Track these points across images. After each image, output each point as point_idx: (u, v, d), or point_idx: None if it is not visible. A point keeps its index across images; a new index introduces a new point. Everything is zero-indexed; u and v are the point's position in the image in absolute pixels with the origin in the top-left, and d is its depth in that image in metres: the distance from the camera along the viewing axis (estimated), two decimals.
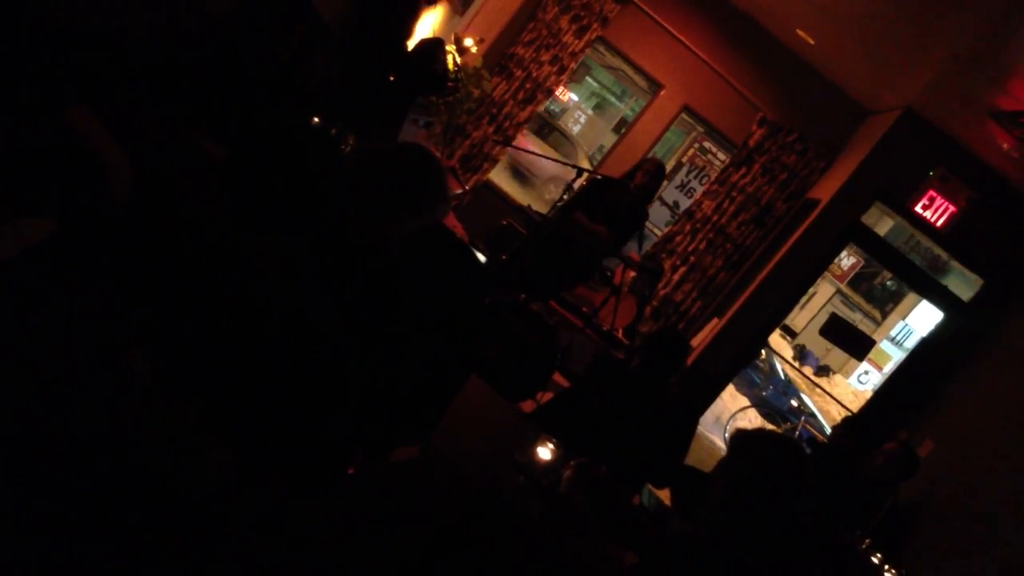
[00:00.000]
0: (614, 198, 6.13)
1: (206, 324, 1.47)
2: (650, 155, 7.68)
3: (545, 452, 3.07)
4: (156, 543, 1.24)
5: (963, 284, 8.56)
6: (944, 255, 9.19)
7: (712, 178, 8.73)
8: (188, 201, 1.82)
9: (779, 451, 2.30)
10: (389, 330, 2.40)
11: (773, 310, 7.36)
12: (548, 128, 16.55)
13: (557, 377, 5.65)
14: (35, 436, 1.21)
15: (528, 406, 4.98)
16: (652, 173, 6.10)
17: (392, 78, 5.14)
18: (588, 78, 22.22)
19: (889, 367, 16.80)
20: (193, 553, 1.26)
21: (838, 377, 17.95)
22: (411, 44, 5.28)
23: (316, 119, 3.93)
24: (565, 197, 6.20)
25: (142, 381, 1.35)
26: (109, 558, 1.18)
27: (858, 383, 18.17)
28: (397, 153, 2.33)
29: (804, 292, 7.79)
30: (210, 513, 1.31)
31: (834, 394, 12.54)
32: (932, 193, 6.91)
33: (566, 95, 21.26)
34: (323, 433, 1.91)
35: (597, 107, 23.44)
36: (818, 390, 13.61)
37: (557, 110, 21.16)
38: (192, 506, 1.28)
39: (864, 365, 18.55)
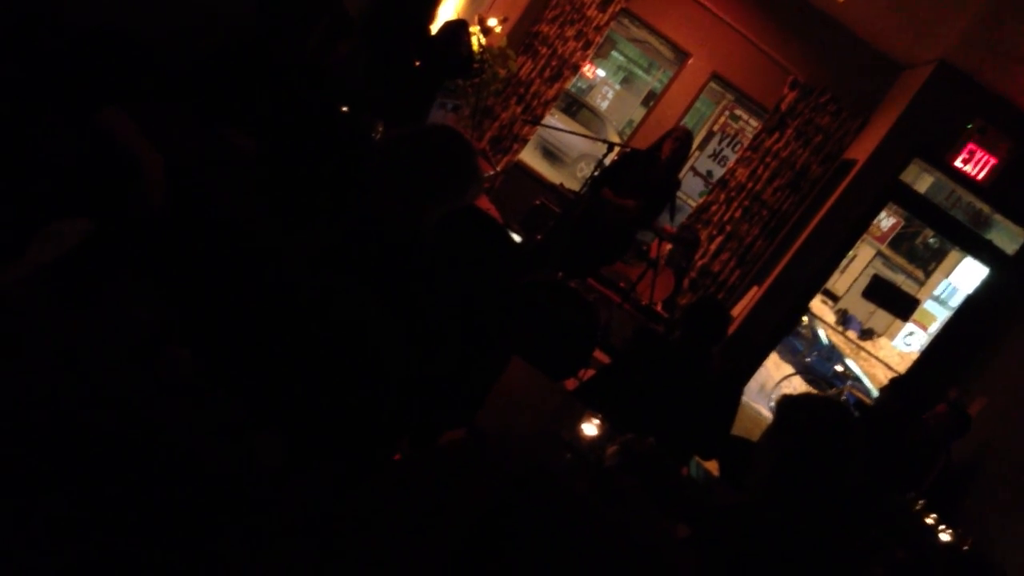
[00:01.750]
0: (644, 170, 6.07)
1: (245, 315, 1.48)
2: (679, 126, 7.60)
3: (590, 428, 3.07)
4: (205, 530, 1.25)
5: (1007, 238, 8.40)
6: (986, 209, 9.03)
7: (745, 145, 8.63)
8: (222, 196, 1.84)
9: (827, 414, 2.28)
10: (428, 315, 2.40)
11: (813, 275, 7.28)
12: (576, 105, 16.45)
13: (598, 354, 5.64)
14: (80, 431, 1.23)
15: (571, 384, 4.98)
16: (681, 141, 6.03)
17: (417, 64, 5.13)
18: (614, 52, 22.04)
19: (935, 327, 16.56)
20: (241, 539, 1.28)
21: (883, 340, 17.73)
22: (434, 28, 5.27)
23: (344, 108, 3.94)
24: (596, 173, 6.16)
25: (184, 374, 1.36)
26: (158, 546, 1.20)
27: (904, 345, 17.94)
28: (424, 135, 2.31)
29: (844, 255, 7.69)
30: (258, 499, 1.33)
31: (879, 357, 12.42)
32: (971, 146, 6.77)
33: (593, 71, 21.10)
34: (368, 420, 1.92)
35: (624, 81, 23.25)
36: (863, 354, 13.47)
37: (584, 87, 21.03)
38: (240, 492, 1.30)
39: (909, 326, 18.30)
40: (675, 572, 2.28)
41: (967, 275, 18.07)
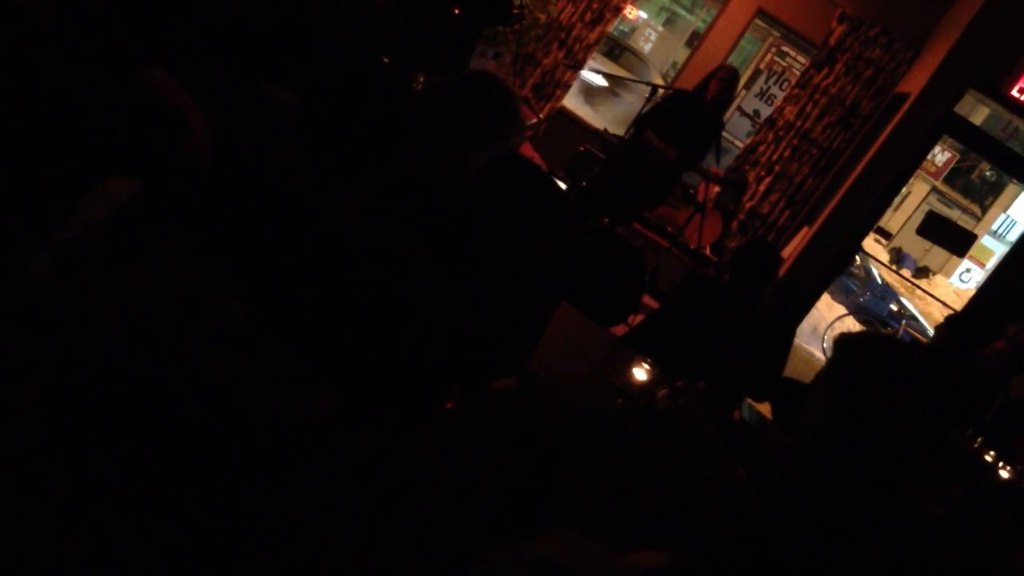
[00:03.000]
0: (688, 112, 5.95)
1: (293, 267, 1.50)
2: (723, 64, 7.43)
3: (641, 373, 3.07)
4: (259, 482, 1.28)
5: None
6: None
7: (793, 83, 8.44)
8: (265, 150, 1.84)
9: (886, 350, 2.25)
10: (476, 263, 2.41)
11: (865, 213, 7.14)
12: (619, 49, 16.19)
13: (647, 299, 5.62)
14: (135, 385, 1.25)
15: (620, 330, 4.97)
16: (727, 80, 5.88)
17: (456, 11, 5.07)
18: None
19: (992, 262, 16.20)
20: (295, 490, 1.30)
21: (938, 277, 17.43)
22: None
23: (385, 60, 3.92)
24: (640, 115, 6.08)
25: (235, 326, 1.38)
26: (216, 497, 1.23)
27: (960, 282, 17.62)
28: (464, 82, 2.30)
29: (897, 192, 7.53)
30: (312, 449, 1.35)
31: (935, 295, 12.20)
32: None
33: (634, 13, 20.73)
34: (418, 370, 1.93)
35: (667, 22, 22.83)
36: (918, 292, 13.26)
37: (627, 30, 20.69)
38: (295, 442, 1.32)
39: (965, 263, 17.95)
40: (730, 514, 2.28)
41: None
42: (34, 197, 1.70)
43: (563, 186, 6.91)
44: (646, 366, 3.13)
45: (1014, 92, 6.62)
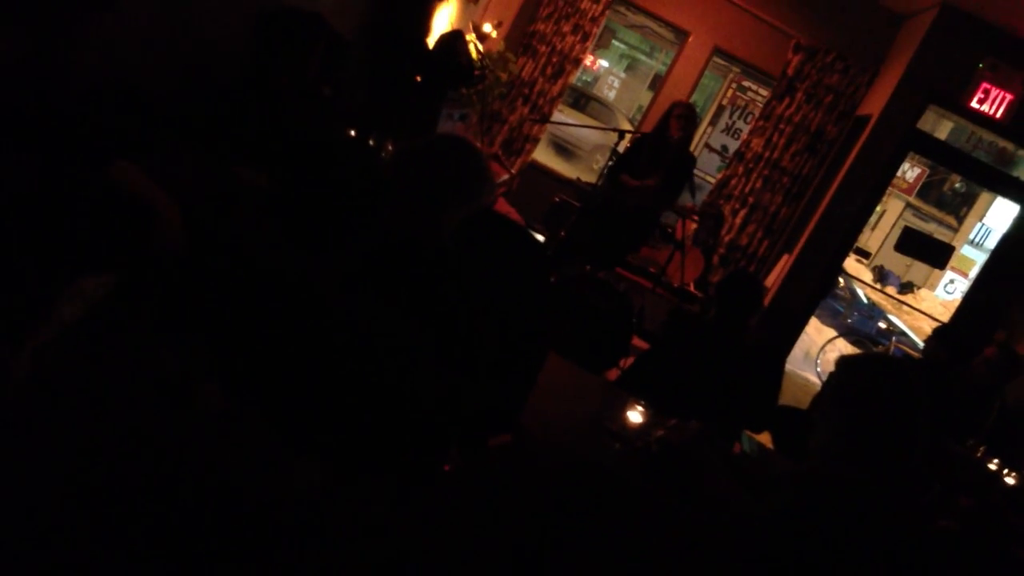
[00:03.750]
0: (656, 152, 6.04)
1: (275, 344, 1.50)
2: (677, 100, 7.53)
3: (636, 416, 3.06)
4: (254, 559, 1.26)
5: None
6: (1010, 146, 8.89)
7: (756, 115, 8.56)
8: (238, 233, 1.85)
9: (886, 369, 2.27)
10: (460, 323, 2.41)
11: (843, 235, 7.19)
12: (584, 98, 16.43)
13: (636, 341, 5.62)
14: (125, 473, 1.25)
15: (613, 374, 4.96)
16: (685, 115, 6.00)
17: (419, 79, 5.15)
18: (614, 41, 21.98)
19: (975, 271, 16.31)
20: (293, 566, 1.29)
21: (923, 291, 17.51)
22: (431, 41, 5.29)
23: (352, 132, 3.97)
24: (611, 162, 6.15)
25: (217, 408, 1.38)
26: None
27: (945, 293, 17.71)
28: (430, 146, 2.33)
29: (871, 212, 7.60)
30: (306, 524, 1.34)
31: (922, 309, 12.26)
32: (985, 85, 6.68)
33: (595, 63, 21.07)
34: (411, 434, 1.92)
35: (629, 68, 23.18)
36: (905, 308, 13.30)
37: (589, 79, 21.00)
38: (287, 519, 1.31)
39: (949, 274, 18.06)
40: (740, 545, 2.26)
41: (1001, 215, 17.80)
42: (7, 300, 1.70)
43: (541, 238, 6.97)
44: (640, 408, 3.12)
45: (973, 104, 6.73)
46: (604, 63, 22.10)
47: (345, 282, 2.00)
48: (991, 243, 17.56)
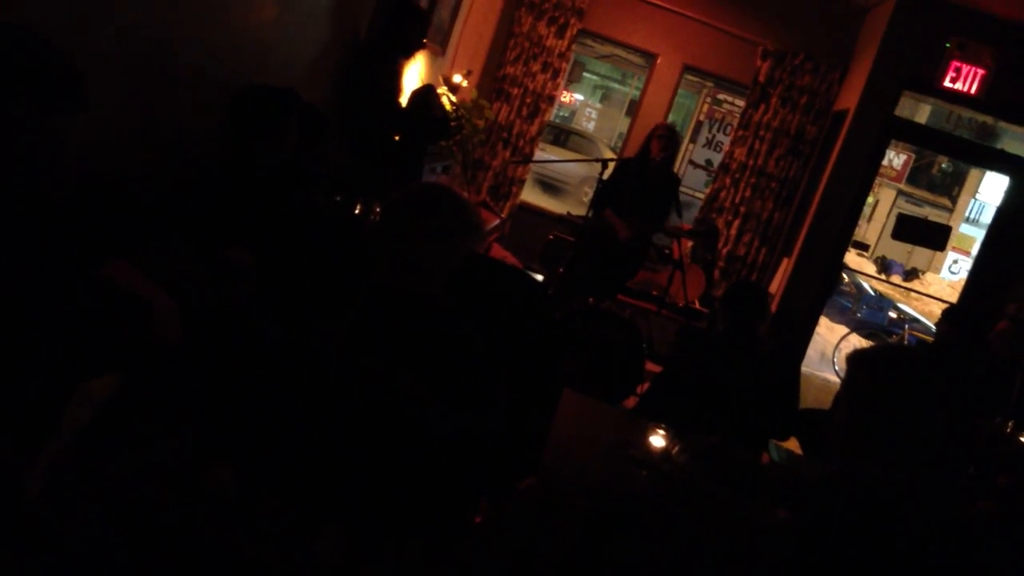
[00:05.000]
0: (641, 175, 6.07)
1: (285, 420, 1.49)
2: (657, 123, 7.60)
3: (658, 440, 3.04)
4: None
5: (1018, 141, 8.30)
6: (989, 120, 8.93)
7: (735, 125, 8.62)
8: (234, 315, 1.86)
9: (895, 359, 2.25)
10: (469, 373, 2.40)
11: (838, 231, 7.20)
12: (564, 134, 16.57)
13: (650, 366, 5.60)
14: (150, 565, 1.24)
15: (631, 402, 4.94)
16: (666, 136, 6.04)
17: (397, 138, 5.19)
18: (586, 74, 22.22)
19: (976, 248, 16.32)
20: None
21: (929, 275, 17.48)
22: (404, 99, 5.34)
23: (338, 198, 4.00)
24: (596, 193, 6.18)
25: (231, 493, 1.37)
26: None
27: (950, 274, 17.70)
28: (408, 195, 2.36)
29: (863, 204, 7.61)
30: None
31: (930, 293, 12.23)
32: (956, 64, 6.72)
33: (570, 97, 21.27)
34: (436, 491, 1.91)
35: (604, 98, 23.40)
36: (913, 294, 13.28)
37: (567, 114, 21.19)
38: None
39: (952, 255, 18.06)
40: (778, 557, 2.23)
41: (992, 189, 17.83)
42: (15, 413, 1.70)
43: (540, 277, 6.98)
44: (661, 432, 3.10)
45: (946, 84, 6.77)
46: (579, 96, 22.32)
47: (346, 345, 2.00)
48: (987, 218, 17.56)
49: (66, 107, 1.88)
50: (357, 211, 4.00)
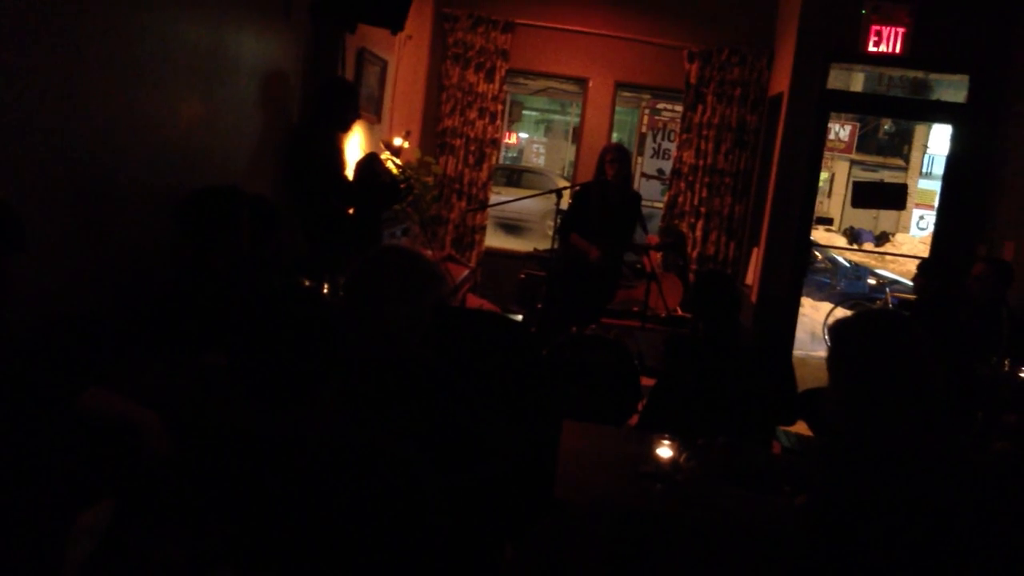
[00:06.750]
0: (602, 198, 6.13)
1: (282, 510, 1.48)
2: (606, 144, 7.68)
3: (665, 450, 3.03)
4: None
5: (953, 88, 8.44)
6: (920, 74, 9.09)
7: (678, 131, 8.73)
8: (216, 416, 1.86)
9: (874, 322, 2.26)
10: (464, 424, 2.40)
11: (799, 211, 7.27)
12: (515, 173, 16.71)
13: (645, 381, 5.60)
14: None
15: (634, 420, 4.93)
16: (617, 156, 6.11)
17: (351, 211, 5.22)
18: (525, 111, 22.47)
19: (938, 200, 16.53)
20: None
21: (899, 236, 17.67)
22: (349, 172, 5.37)
23: (307, 282, 4.01)
24: (558, 223, 6.22)
25: None
26: None
27: (919, 231, 17.90)
28: (366, 260, 2.39)
29: (817, 181, 7.70)
30: None
31: (904, 253, 12.35)
32: (875, 27, 6.86)
33: (515, 137, 21.47)
34: (455, 550, 1.89)
35: (547, 131, 23.63)
36: (888, 257, 13.40)
37: (515, 153, 21.37)
38: None
39: (917, 211, 18.27)
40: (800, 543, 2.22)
41: (940, 140, 18.10)
42: (16, 557, 1.68)
43: (519, 317, 6.98)
44: (667, 442, 3.09)
45: (870, 48, 6.90)
46: (523, 134, 22.55)
47: (333, 421, 2.00)
48: (940, 169, 17.80)
49: (4, 249, 1.91)
50: (325, 291, 4.01)
